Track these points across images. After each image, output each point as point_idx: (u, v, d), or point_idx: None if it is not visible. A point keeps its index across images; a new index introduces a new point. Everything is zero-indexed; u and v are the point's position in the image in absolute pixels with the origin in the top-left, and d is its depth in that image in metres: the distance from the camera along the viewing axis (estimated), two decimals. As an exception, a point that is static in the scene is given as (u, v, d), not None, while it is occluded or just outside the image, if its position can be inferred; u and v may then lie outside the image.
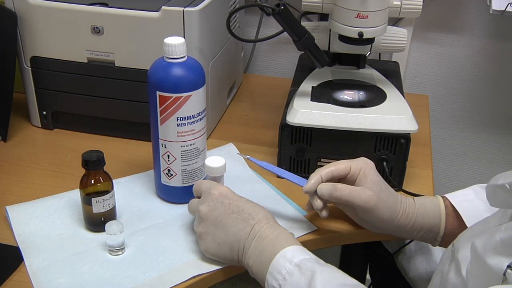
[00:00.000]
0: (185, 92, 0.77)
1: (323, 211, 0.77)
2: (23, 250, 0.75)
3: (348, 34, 0.86)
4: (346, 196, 0.73)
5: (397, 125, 0.86)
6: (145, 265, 0.73)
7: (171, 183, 0.83)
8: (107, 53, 0.95)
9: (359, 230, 0.80)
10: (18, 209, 0.83)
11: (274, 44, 1.32)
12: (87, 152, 0.76)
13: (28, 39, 0.98)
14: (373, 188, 0.74)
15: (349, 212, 0.80)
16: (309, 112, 0.87)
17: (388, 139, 0.87)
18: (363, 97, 0.92)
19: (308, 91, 0.93)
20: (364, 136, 0.87)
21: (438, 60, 1.26)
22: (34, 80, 1.01)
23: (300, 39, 0.84)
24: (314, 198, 0.76)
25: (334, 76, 0.98)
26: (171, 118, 0.78)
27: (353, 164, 0.76)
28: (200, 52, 0.93)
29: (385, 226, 0.76)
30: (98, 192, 0.77)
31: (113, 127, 1.03)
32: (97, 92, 0.99)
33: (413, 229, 0.76)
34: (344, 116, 0.86)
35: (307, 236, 0.80)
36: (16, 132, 1.05)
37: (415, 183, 0.92)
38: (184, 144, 0.80)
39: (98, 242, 0.77)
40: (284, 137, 0.89)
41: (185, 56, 0.77)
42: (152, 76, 0.77)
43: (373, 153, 0.88)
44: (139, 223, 0.81)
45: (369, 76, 0.99)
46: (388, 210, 0.74)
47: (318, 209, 0.77)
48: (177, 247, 0.76)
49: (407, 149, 0.87)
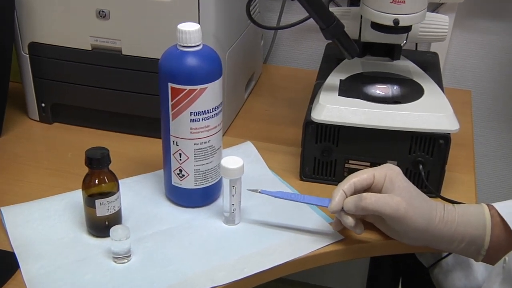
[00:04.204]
0: (200, 84, 0.77)
1: (356, 228, 0.78)
2: (19, 256, 0.76)
3: (382, 22, 0.86)
4: (372, 204, 0.74)
5: (436, 124, 0.86)
6: (153, 275, 0.74)
7: (182, 185, 0.84)
8: (114, 40, 0.96)
9: (390, 240, 0.81)
10: (14, 210, 0.84)
11: (298, 32, 1.33)
12: (91, 149, 0.77)
13: (26, 23, 0.99)
14: (401, 194, 0.74)
15: (380, 225, 0.80)
16: (337, 108, 0.87)
17: (425, 139, 0.87)
18: (397, 92, 0.92)
19: (335, 85, 0.93)
20: (398, 136, 0.87)
21: (483, 51, 1.25)
22: (32, 69, 1.03)
23: (328, 26, 0.85)
24: (343, 216, 0.77)
25: (365, 68, 0.99)
26: (184, 113, 0.79)
27: (376, 171, 0.77)
28: (216, 40, 0.94)
29: (420, 236, 0.76)
30: (102, 193, 0.78)
31: (119, 122, 1.04)
32: (102, 83, 1.01)
33: (453, 240, 0.76)
34: (376, 113, 0.87)
35: (332, 246, 0.80)
36: (12, 126, 1.06)
37: (455, 189, 0.92)
38: (198, 141, 0.81)
39: (101, 249, 0.78)
40: (308, 135, 0.90)
41: (200, 44, 0.78)
42: (163, 66, 0.78)
43: (407, 154, 0.88)
44: (147, 228, 0.82)
45: (404, 69, 0.99)
46: (421, 218, 0.74)
47: (350, 227, 0.78)
48: (188, 255, 0.77)
49: (447, 151, 0.87)
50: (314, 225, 0.83)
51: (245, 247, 0.79)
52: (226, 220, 0.83)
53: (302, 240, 0.81)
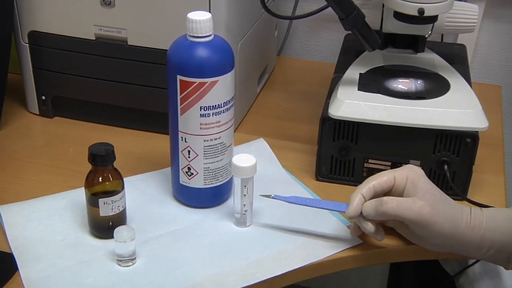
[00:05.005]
0: (211, 77, 0.78)
1: (377, 234, 0.78)
2: (17, 258, 0.77)
3: (405, 11, 0.86)
4: (393, 209, 0.74)
5: (463, 121, 0.86)
6: (159, 279, 0.75)
7: (191, 184, 0.85)
8: (119, 29, 0.97)
9: (412, 245, 0.81)
10: (13, 209, 0.85)
11: (315, 22, 1.33)
12: (94, 145, 0.78)
13: (26, 10, 1.00)
14: (425, 197, 0.74)
15: (403, 231, 0.80)
16: (356, 103, 0.87)
17: (451, 137, 0.87)
18: (421, 86, 0.92)
19: (355, 79, 0.93)
20: (421, 134, 0.87)
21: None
22: (32, 59, 1.04)
23: (347, 16, 0.85)
24: (363, 222, 0.77)
25: (387, 61, 0.99)
26: (194, 108, 0.79)
27: (397, 173, 0.77)
28: (228, 30, 0.94)
29: (445, 242, 0.76)
30: (106, 192, 0.78)
31: (124, 117, 1.04)
32: (106, 75, 1.01)
33: (481, 247, 0.76)
34: (398, 109, 0.87)
35: (350, 251, 0.80)
36: (11, 120, 1.07)
37: (483, 191, 0.92)
38: (208, 138, 0.81)
39: (104, 251, 0.78)
40: (325, 132, 0.90)
41: (211, 34, 0.78)
42: (172, 58, 0.79)
43: (432, 154, 0.88)
44: (153, 229, 0.83)
45: (429, 62, 0.99)
46: (447, 222, 0.74)
47: (370, 234, 0.78)
48: (197, 259, 0.78)
49: (474, 150, 0.87)
50: (330, 228, 0.84)
51: (257, 250, 0.79)
52: (237, 222, 0.84)
53: (317, 244, 0.81)
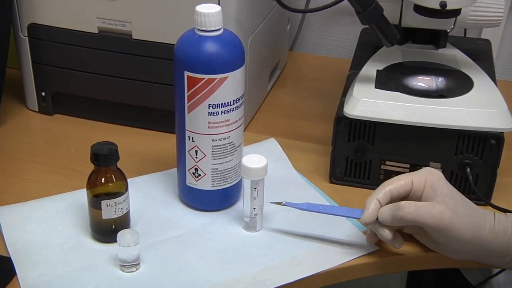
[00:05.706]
0: (220, 73, 0.78)
1: (395, 242, 0.78)
2: (16, 262, 0.77)
3: (426, 4, 0.86)
4: (411, 214, 0.74)
5: (487, 122, 0.86)
6: (164, 286, 0.75)
7: (198, 186, 0.85)
8: (123, 22, 0.98)
9: (431, 253, 0.81)
10: (11, 211, 0.85)
11: (329, 16, 1.33)
12: (97, 144, 0.78)
13: (26, 1, 1.00)
14: (445, 202, 0.74)
15: (421, 237, 0.80)
16: (373, 102, 0.88)
17: (474, 139, 0.87)
18: (443, 84, 0.92)
19: (372, 76, 0.94)
20: (442, 135, 0.87)
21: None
22: (31, 54, 1.04)
23: (365, 9, 0.85)
24: (379, 228, 0.77)
25: (406, 58, 0.99)
26: (201, 105, 0.80)
27: (415, 177, 0.77)
28: (238, 24, 0.94)
29: (466, 249, 0.76)
30: (109, 193, 0.79)
31: (128, 115, 1.05)
32: (109, 71, 1.02)
33: (505, 254, 0.76)
34: (417, 108, 0.87)
35: (365, 258, 0.80)
36: (9, 117, 1.08)
37: (508, 196, 0.92)
38: (216, 137, 0.82)
39: (107, 255, 0.79)
40: (340, 132, 0.90)
41: (220, 28, 0.79)
42: (179, 53, 0.79)
43: (453, 156, 0.88)
44: (158, 233, 0.83)
45: (451, 58, 0.99)
46: (468, 228, 0.74)
47: (387, 241, 0.77)
48: (204, 264, 0.78)
49: (499, 152, 0.87)
50: (345, 234, 0.84)
51: (267, 256, 0.80)
52: (246, 226, 0.84)
53: (331, 250, 0.81)
